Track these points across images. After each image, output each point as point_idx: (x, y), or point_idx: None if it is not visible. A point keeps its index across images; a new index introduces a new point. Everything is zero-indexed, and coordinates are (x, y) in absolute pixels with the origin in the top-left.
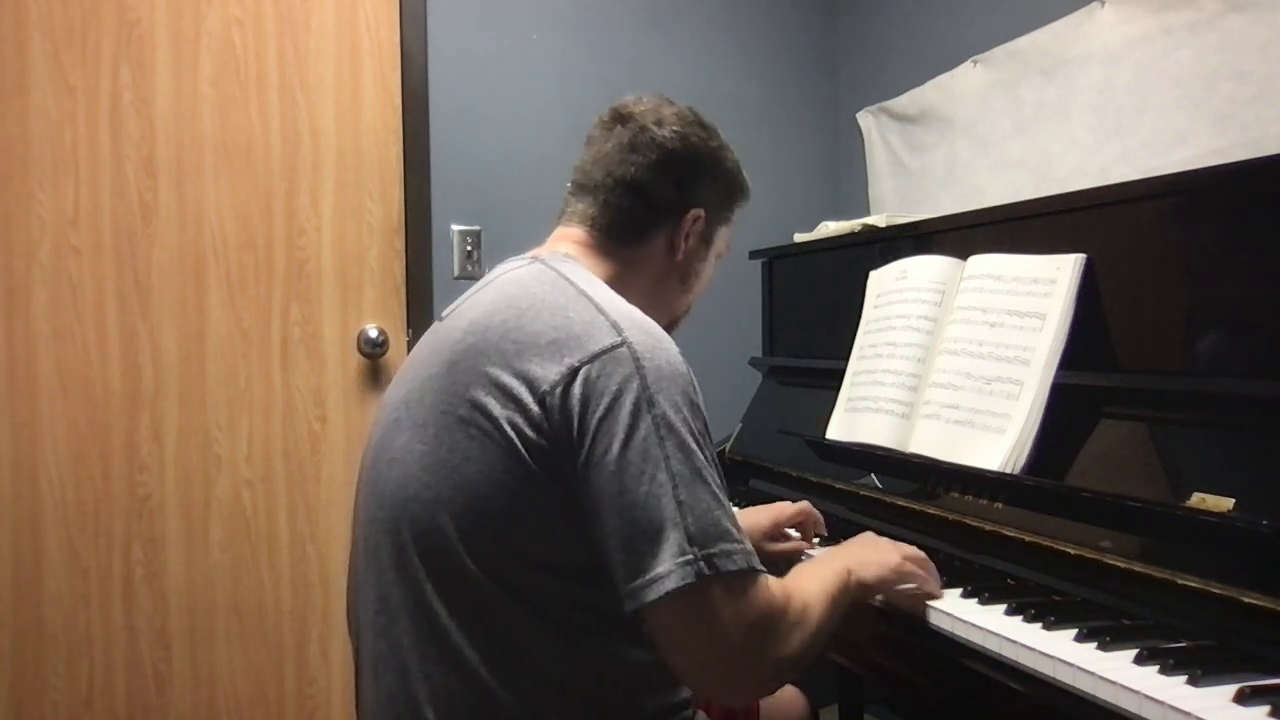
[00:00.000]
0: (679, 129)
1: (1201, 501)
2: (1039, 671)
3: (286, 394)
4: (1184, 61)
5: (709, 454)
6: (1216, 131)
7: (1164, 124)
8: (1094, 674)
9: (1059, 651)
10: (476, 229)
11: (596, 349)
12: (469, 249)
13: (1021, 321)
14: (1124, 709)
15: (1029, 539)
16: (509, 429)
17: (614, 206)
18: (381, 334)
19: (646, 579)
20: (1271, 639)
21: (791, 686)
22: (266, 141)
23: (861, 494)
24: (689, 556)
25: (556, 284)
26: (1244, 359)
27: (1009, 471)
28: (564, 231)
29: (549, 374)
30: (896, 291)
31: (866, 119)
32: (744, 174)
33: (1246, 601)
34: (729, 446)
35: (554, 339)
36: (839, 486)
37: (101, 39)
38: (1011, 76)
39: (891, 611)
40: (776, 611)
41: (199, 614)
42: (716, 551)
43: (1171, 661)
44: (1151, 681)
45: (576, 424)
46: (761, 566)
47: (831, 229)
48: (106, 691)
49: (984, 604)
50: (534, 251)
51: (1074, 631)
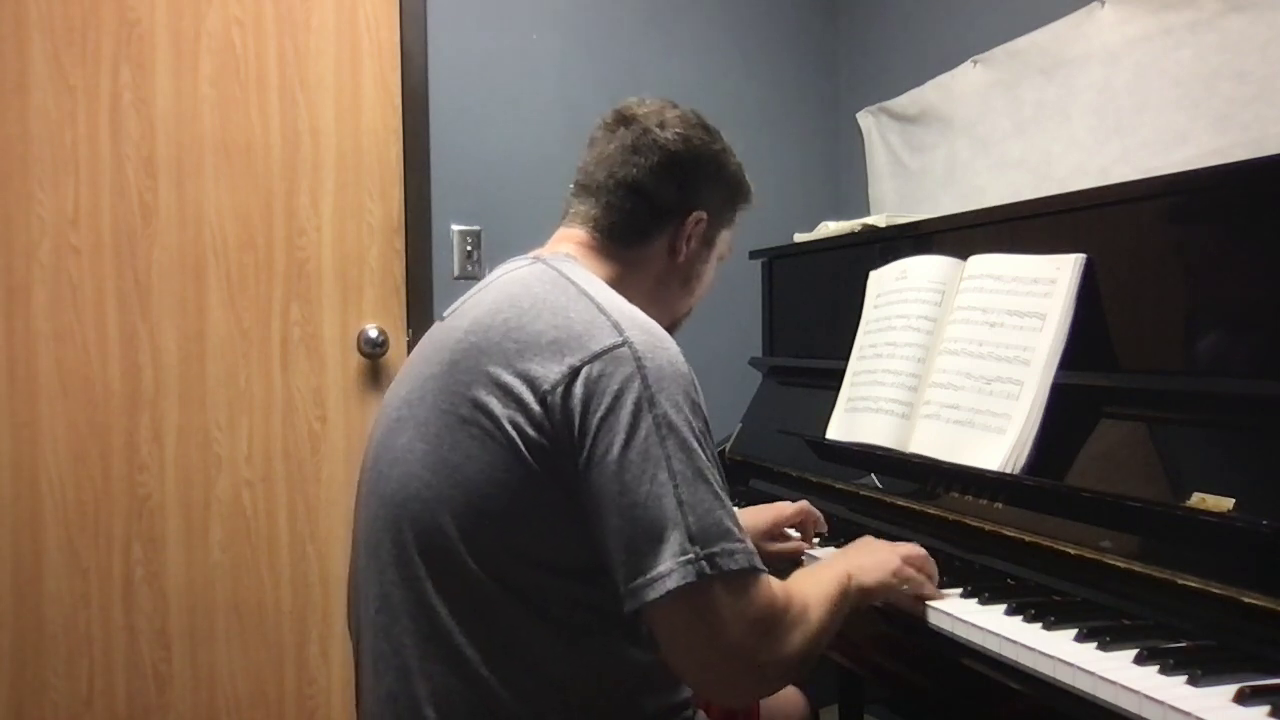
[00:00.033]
0: (682, 131)
1: (1201, 501)
2: (1039, 671)
3: (286, 394)
4: (1184, 61)
5: (710, 453)
6: (1216, 131)
7: (1164, 124)
8: (1094, 674)
9: (1059, 651)
10: (476, 229)
11: (598, 349)
12: (469, 249)
13: (1021, 321)
14: (1124, 709)
15: (1029, 539)
16: (510, 428)
17: (616, 208)
18: (381, 334)
19: (648, 578)
20: (1271, 639)
21: (791, 686)
22: (266, 141)
23: (861, 494)
24: (690, 555)
25: (558, 284)
26: (1244, 359)
27: (1009, 471)
28: (566, 232)
29: (550, 373)
30: (896, 291)
31: (866, 119)
32: (747, 177)
33: (1246, 601)
34: (729, 446)
35: (555, 339)
36: (839, 486)
37: (101, 39)
38: (1011, 76)
39: (891, 611)
40: (778, 611)
41: (199, 614)
42: (718, 550)
43: (1171, 661)
44: (1151, 681)
45: (578, 423)
46: (763, 566)
47: (831, 229)
48: (106, 691)
49: (984, 604)
50: (535, 252)
51: (1074, 631)
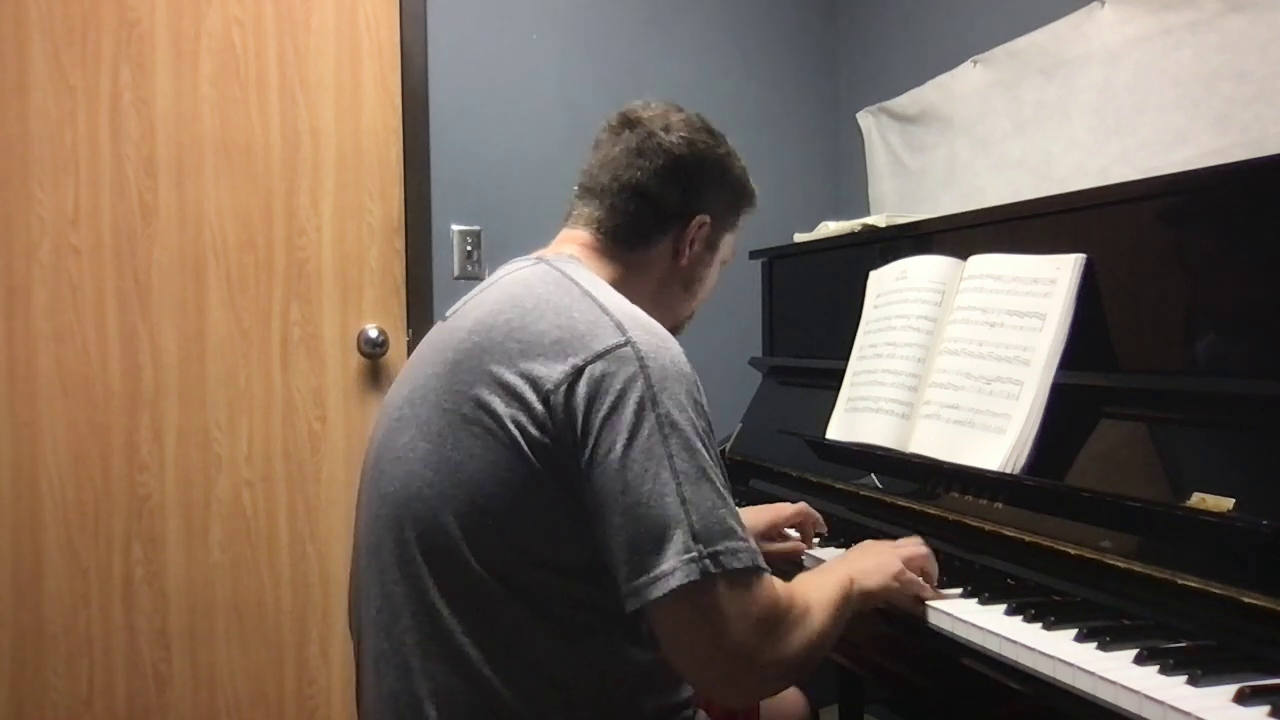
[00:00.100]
0: (686, 135)
1: (1201, 501)
2: (1039, 671)
3: (286, 394)
4: (1184, 61)
5: (714, 453)
6: (1216, 131)
7: (1164, 124)
8: (1094, 674)
9: (1059, 651)
10: (476, 229)
11: (600, 348)
12: (469, 249)
13: (1021, 321)
14: (1124, 709)
15: (1029, 539)
16: (513, 427)
17: (620, 210)
18: (381, 334)
19: (651, 576)
20: (1271, 639)
21: (792, 686)
22: (266, 141)
23: (861, 494)
24: (694, 554)
25: (561, 284)
26: (1244, 359)
27: (1009, 471)
28: (569, 234)
29: (553, 373)
30: (896, 291)
31: (866, 119)
32: (751, 181)
33: (1246, 601)
34: (729, 446)
35: (558, 338)
36: (839, 486)
37: (101, 39)
38: (1011, 76)
39: (892, 611)
40: (781, 610)
41: (199, 614)
42: (722, 549)
43: (1171, 661)
44: (1151, 681)
45: (580, 423)
46: (766, 565)
47: (831, 229)
48: (106, 691)
49: (984, 604)
50: (538, 253)
51: (1074, 631)
